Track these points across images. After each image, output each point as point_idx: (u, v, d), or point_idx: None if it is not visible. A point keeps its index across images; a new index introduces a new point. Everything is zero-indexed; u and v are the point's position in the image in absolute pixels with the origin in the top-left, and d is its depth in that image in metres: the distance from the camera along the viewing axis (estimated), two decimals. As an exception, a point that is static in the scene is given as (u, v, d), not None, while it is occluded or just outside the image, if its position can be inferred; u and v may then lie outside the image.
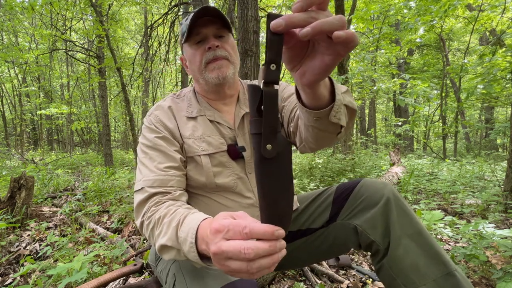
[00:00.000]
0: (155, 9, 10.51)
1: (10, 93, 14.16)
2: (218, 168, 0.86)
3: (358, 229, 0.83)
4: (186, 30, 0.85)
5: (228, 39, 0.89)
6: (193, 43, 0.87)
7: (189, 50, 0.89)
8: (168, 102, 0.92)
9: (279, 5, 5.35)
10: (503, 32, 4.72)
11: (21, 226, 2.31)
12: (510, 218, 2.27)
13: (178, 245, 0.62)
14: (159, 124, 0.86)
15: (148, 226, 0.71)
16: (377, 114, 17.09)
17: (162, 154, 0.82)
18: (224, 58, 0.87)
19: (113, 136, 16.07)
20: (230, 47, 0.89)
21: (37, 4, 5.22)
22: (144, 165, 0.82)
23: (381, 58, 8.35)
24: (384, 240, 0.79)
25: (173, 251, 0.64)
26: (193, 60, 0.89)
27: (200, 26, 0.85)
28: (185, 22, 0.87)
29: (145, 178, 0.79)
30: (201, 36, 0.86)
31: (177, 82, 8.20)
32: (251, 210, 0.88)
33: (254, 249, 0.43)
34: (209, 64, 0.86)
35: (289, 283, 1.42)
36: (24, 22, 9.89)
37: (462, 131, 10.57)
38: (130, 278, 1.50)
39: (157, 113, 0.89)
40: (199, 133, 0.87)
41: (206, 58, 0.86)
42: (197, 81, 0.93)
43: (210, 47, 0.85)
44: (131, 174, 4.79)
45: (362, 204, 0.84)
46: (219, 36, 0.87)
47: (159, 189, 0.76)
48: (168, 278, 0.81)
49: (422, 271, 0.73)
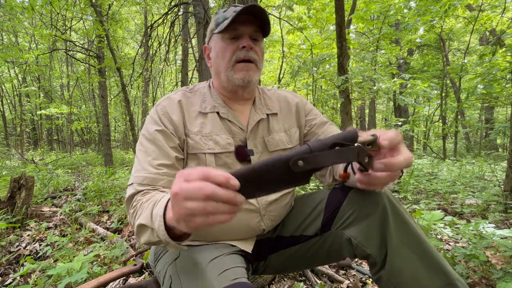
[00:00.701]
0: (155, 9, 10.51)
1: (10, 93, 14.16)
2: (222, 169, 0.85)
3: (353, 241, 0.79)
4: (222, 22, 0.83)
5: (260, 44, 0.88)
6: (227, 38, 0.85)
7: (220, 43, 0.87)
8: (179, 95, 0.90)
9: (279, 5, 5.34)
10: (503, 32, 4.72)
11: (21, 226, 2.31)
12: (510, 218, 2.27)
13: (151, 223, 0.61)
14: (164, 116, 0.84)
15: (133, 214, 0.72)
16: (377, 114, 17.09)
17: (158, 150, 0.81)
18: (253, 62, 0.86)
19: (113, 136, 16.06)
20: (260, 52, 0.88)
21: (37, 4, 5.22)
22: (138, 158, 0.82)
23: (381, 58, 8.35)
24: (381, 251, 0.75)
25: (148, 231, 0.64)
26: (221, 55, 0.87)
27: (240, 22, 0.83)
28: (222, 13, 0.85)
29: (137, 174, 0.78)
30: (237, 33, 0.84)
31: (177, 82, 8.19)
32: (252, 215, 0.87)
33: (212, 188, 0.43)
34: (238, 63, 0.85)
35: (289, 283, 1.42)
36: (24, 22, 9.89)
37: (462, 131, 10.57)
38: (130, 278, 1.50)
39: (165, 104, 0.87)
40: (207, 130, 0.86)
41: (236, 56, 0.84)
42: (218, 76, 0.91)
43: (245, 46, 0.83)
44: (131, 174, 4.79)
45: (356, 213, 0.80)
46: (253, 38, 0.86)
47: (148, 187, 0.76)
48: (165, 279, 0.80)
49: (423, 283, 0.70)
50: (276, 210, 0.91)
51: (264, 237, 0.95)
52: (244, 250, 0.88)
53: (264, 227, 0.89)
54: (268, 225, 0.90)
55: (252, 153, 0.87)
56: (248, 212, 0.87)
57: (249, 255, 0.89)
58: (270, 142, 0.91)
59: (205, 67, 4.05)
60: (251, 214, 0.87)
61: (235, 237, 0.88)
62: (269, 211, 0.89)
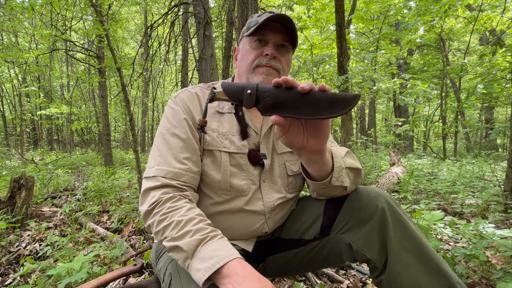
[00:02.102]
0: (155, 9, 10.52)
1: (10, 93, 14.16)
2: (235, 169, 0.85)
3: (353, 247, 0.79)
4: (253, 26, 0.84)
5: (287, 54, 0.88)
6: (254, 41, 0.86)
7: (247, 45, 0.88)
8: (197, 90, 0.90)
9: (279, 5, 5.34)
10: (503, 32, 4.73)
11: (21, 226, 2.31)
12: (510, 218, 2.27)
13: (191, 255, 0.64)
14: (184, 108, 0.84)
15: (161, 222, 0.70)
16: (377, 114, 17.09)
17: (182, 142, 0.80)
18: (276, 69, 0.85)
19: (113, 136, 16.07)
20: (286, 62, 0.88)
21: (37, 4, 5.22)
22: (160, 151, 0.80)
23: (381, 58, 8.35)
24: (381, 256, 0.76)
25: (182, 255, 0.66)
26: (245, 57, 0.88)
27: (269, 29, 0.84)
28: (256, 18, 0.86)
29: (159, 167, 0.77)
30: (265, 39, 0.85)
31: (177, 82, 8.20)
32: (257, 218, 0.87)
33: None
34: (259, 67, 0.85)
35: (289, 283, 1.42)
36: (24, 22, 9.88)
37: (462, 131, 10.57)
38: (130, 278, 1.50)
39: (183, 95, 0.87)
40: (225, 129, 0.86)
41: (259, 61, 0.85)
42: (239, 77, 0.92)
43: (268, 54, 0.84)
44: (131, 174, 4.79)
45: (356, 218, 0.80)
46: (281, 46, 0.86)
47: (172, 182, 0.75)
48: (165, 277, 0.81)
49: (423, 287, 0.70)
50: (280, 213, 0.91)
51: (263, 238, 0.95)
52: (244, 249, 0.88)
53: (267, 229, 0.90)
54: (271, 227, 0.91)
55: (265, 157, 0.88)
56: (253, 215, 0.87)
57: (249, 255, 0.90)
58: (278, 144, 0.92)
59: (205, 67, 4.05)
60: (256, 217, 0.87)
61: (237, 238, 0.89)
62: (274, 214, 0.89)
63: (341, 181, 0.76)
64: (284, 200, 0.90)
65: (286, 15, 0.82)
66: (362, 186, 0.86)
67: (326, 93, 0.56)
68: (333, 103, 0.55)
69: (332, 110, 0.55)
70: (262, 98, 0.58)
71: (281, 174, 0.90)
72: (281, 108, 0.57)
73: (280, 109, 0.57)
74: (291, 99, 0.57)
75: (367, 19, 6.40)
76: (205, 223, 0.70)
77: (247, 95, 0.58)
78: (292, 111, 0.57)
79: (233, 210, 0.85)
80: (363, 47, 8.33)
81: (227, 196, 0.85)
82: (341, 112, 0.55)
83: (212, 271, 0.59)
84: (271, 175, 0.89)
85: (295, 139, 0.64)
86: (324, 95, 0.56)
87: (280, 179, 0.90)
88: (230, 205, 0.85)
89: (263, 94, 0.58)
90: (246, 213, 0.86)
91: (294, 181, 0.93)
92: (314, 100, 0.56)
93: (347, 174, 0.78)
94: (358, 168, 0.83)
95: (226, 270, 0.59)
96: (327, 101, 0.55)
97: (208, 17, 4.01)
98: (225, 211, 0.85)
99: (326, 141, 0.66)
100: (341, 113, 0.55)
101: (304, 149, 0.66)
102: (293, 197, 0.94)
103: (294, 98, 0.56)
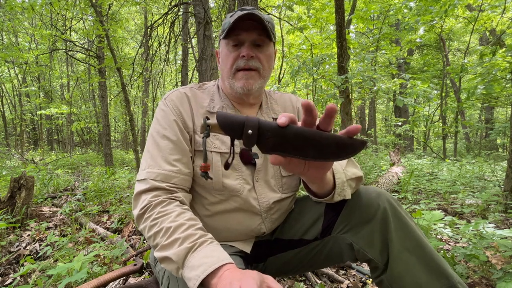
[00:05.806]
0: (155, 9, 10.51)
1: (10, 93, 14.16)
2: None
3: (355, 246, 0.79)
4: (227, 28, 0.83)
5: (266, 49, 0.86)
6: (230, 44, 0.85)
7: (224, 49, 0.87)
8: (186, 90, 0.89)
9: (279, 5, 5.35)
10: (503, 32, 4.73)
11: (21, 226, 2.31)
12: (510, 218, 2.27)
13: (182, 265, 0.64)
14: (174, 109, 0.84)
15: (152, 227, 0.70)
16: (377, 114, 17.09)
17: (172, 144, 0.79)
18: (255, 69, 0.84)
19: (113, 136, 16.07)
20: (266, 58, 0.86)
21: (37, 4, 5.22)
22: (150, 153, 0.80)
23: (381, 58, 8.36)
24: (383, 255, 0.76)
25: (173, 266, 0.66)
26: (225, 61, 0.87)
27: (242, 28, 0.82)
28: (229, 18, 0.84)
29: (149, 169, 0.77)
30: (240, 39, 0.83)
31: (177, 82, 8.20)
32: (253, 218, 0.87)
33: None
34: (239, 72, 0.84)
35: (289, 283, 1.42)
36: (24, 22, 9.87)
37: (462, 131, 10.58)
38: (130, 278, 1.50)
39: (173, 96, 0.86)
40: None
41: (237, 65, 0.84)
42: (223, 81, 0.91)
43: (244, 56, 0.82)
44: (131, 174, 4.79)
45: (357, 218, 0.80)
46: (257, 44, 0.84)
47: (162, 184, 0.75)
48: (163, 279, 0.81)
49: (424, 287, 0.71)
50: (277, 213, 0.91)
51: (262, 238, 0.95)
52: (242, 251, 0.88)
53: (265, 230, 0.90)
54: (268, 227, 0.90)
55: (257, 156, 0.87)
56: (250, 215, 0.87)
57: (247, 256, 0.90)
58: None
59: (205, 67, 4.05)
60: (253, 217, 0.87)
61: (234, 238, 0.89)
62: (270, 214, 0.89)
63: (343, 195, 0.77)
64: (279, 200, 0.89)
65: (256, 10, 0.80)
66: (363, 186, 0.86)
67: (334, 136, 0.53)
68: (341, 147, 0.53)
69: (339, 154, 0.53)
70: (265, 138, 0.54)
71: (275, 174, 0.90)
72: (285, 149, 0.54)
73: (283, 149, 0.54)
74: (296, 139, 0.53)
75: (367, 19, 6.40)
76: (195, 228, 0.69)
77: (247, 135, 0.55)
78: (297, 153, 0.54)
79: (229, 210, 0.85)
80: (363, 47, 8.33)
81: (222, 196, 0.84)
82: (348, 157, 0.53)
83: (201, 279, 0.59)
84: (265, 175, 0.89)
85: (295, 169, 0.61)
86: (332, 137, 0.53)
87: (273, 180, 0.89)
88: (225, 206, 0.85)
89: (266, 133, 0.54)
90: (242, 213, 0.86)
91: (289, 181, 0.92)
92: (320, 141, 0.52)
93: (349, 185, 0.79)
94: (360, 176, 0.83)
95: (215, 276, 0.59)
96: (335, 144, 0.52)
97: (208, 17, 4.01)
98: (222, 212, 0.85)
99: (327, 172, 0.65)
100: (348, 157, 0.54)
101: (304, 175, 0.65)
102: (289, 197, 0.93)
103: (299, 138, 0.53)
